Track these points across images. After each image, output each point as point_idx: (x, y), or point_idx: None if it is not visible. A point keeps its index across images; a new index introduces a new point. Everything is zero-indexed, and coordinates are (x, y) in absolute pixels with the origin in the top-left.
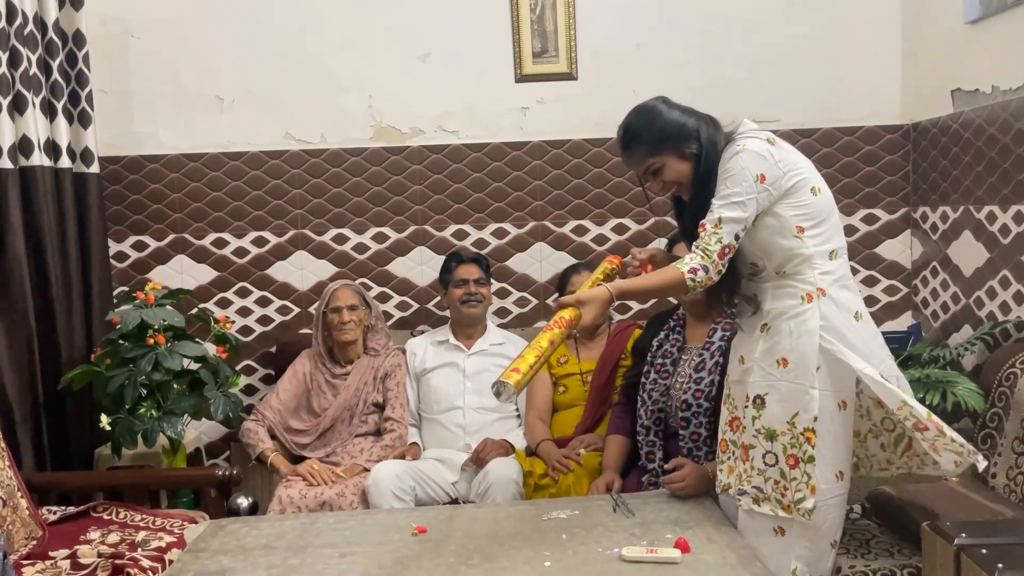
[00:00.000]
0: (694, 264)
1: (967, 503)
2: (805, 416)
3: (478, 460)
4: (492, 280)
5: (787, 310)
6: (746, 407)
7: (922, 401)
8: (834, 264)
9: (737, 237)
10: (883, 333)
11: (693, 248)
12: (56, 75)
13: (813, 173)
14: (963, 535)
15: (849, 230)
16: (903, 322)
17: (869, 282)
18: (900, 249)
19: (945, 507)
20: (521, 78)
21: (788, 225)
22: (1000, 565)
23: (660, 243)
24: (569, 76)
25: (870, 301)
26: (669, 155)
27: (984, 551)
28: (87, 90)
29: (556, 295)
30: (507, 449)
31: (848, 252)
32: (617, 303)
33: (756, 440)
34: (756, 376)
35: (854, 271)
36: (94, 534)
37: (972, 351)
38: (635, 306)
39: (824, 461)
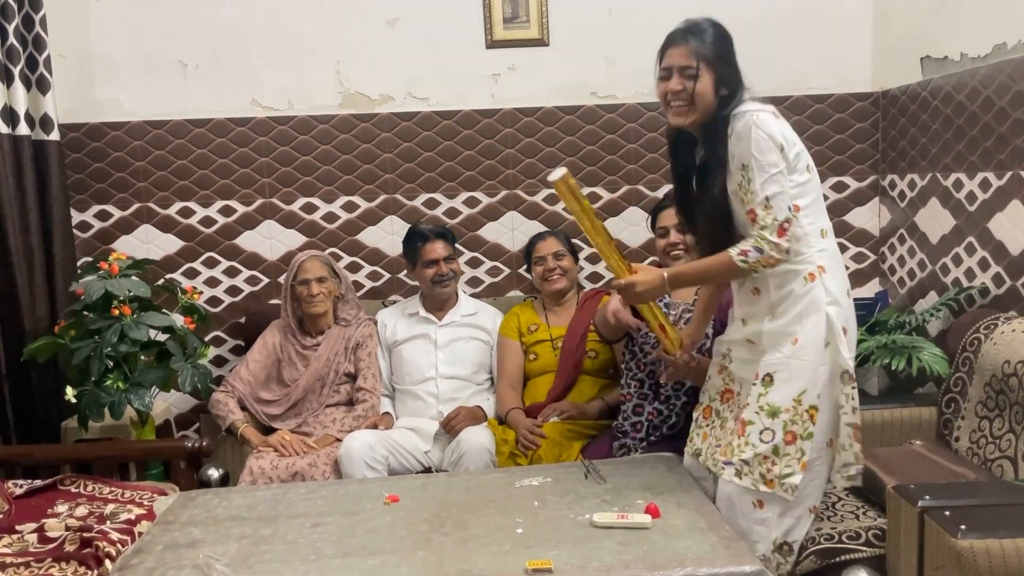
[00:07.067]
0: (745, 246)
1: (931, 466)
2: (811, 393)
3: (449, 428)
4: (463, 250)
5: (792, 295)
6: (753, 384)
7: (888, 367)
8: (826, 242)
9: (790, 208)
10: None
11: (752, 234)
12: (12, 39)
13: (804, 150)
14: (927, 497)
15: None
16: (870, 289)
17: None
18: (868, 216)
19: (909, 470)
20: (492, 44)
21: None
22: (963, 527)
23: (633, 211)
24: (540, 42)
25: None
26: (712, 73)
27: (947, 513)
28: (45, 54)
29: (525, 266)
30: (479, 417)
31: None
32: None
33: (757, 417)
34: (767, 356)
35: None
36: (62, 507)
37: (937, 317)
38: (606, 274)
39: (820, 432)
